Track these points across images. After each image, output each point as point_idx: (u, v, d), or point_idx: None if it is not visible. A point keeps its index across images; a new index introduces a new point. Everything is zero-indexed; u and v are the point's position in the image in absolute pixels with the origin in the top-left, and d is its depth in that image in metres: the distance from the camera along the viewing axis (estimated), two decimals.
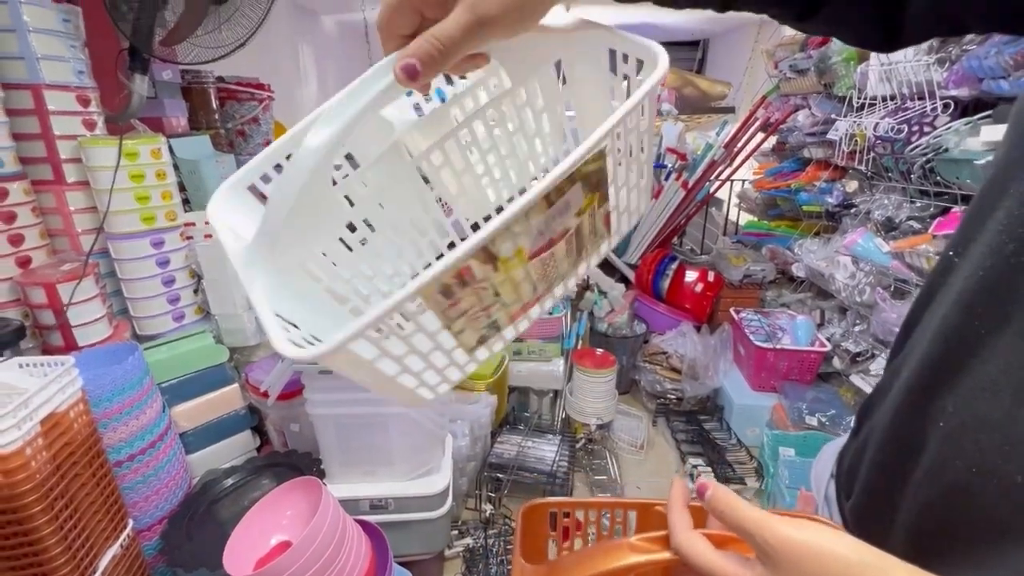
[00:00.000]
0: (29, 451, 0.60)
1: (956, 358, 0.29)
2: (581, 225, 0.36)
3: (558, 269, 0.37)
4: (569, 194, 0.32)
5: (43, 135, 0.90)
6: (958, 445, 0.29)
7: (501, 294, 0.34)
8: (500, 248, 0.31)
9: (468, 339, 0.35)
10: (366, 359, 0.30)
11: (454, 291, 0.31)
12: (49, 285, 0.84)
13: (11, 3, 0.82)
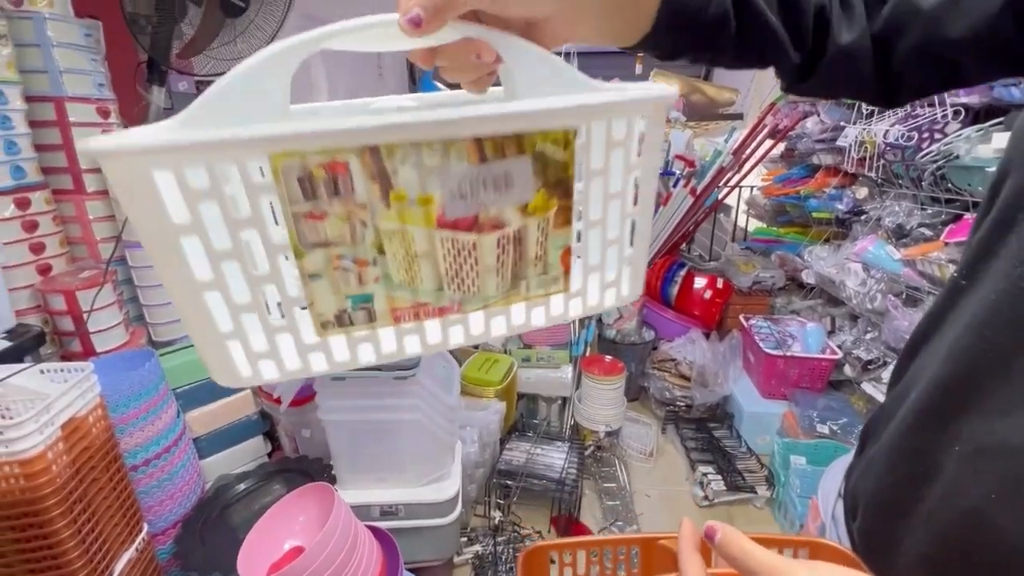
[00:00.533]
0: (50, 455, 0.61)
1: (970, 382, 0.29)
2: (525, 235, 0.28)
3: (480, 281, 0.28)
4: (513, 164, 0.26)
5: (64, 146, 0.92)
6: (975, 470, 0.28)
7: (387, 254, 0.26)
8: (398, 169, 0.24)
9: (323, 300, 0.26)
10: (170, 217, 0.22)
11: (319, 192, 0.23)
12: (69, 292, 0.86)
13: (36, 19, 0.85)
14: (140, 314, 1.04)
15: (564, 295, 0.31)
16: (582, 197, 0.29)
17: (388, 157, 0.23)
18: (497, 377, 1.27)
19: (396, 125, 0.22)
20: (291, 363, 0.27)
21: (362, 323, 0.27)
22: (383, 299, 0.27)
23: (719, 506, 1.35)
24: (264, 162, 0.22)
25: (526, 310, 0.30)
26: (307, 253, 0.24)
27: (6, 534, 0.61)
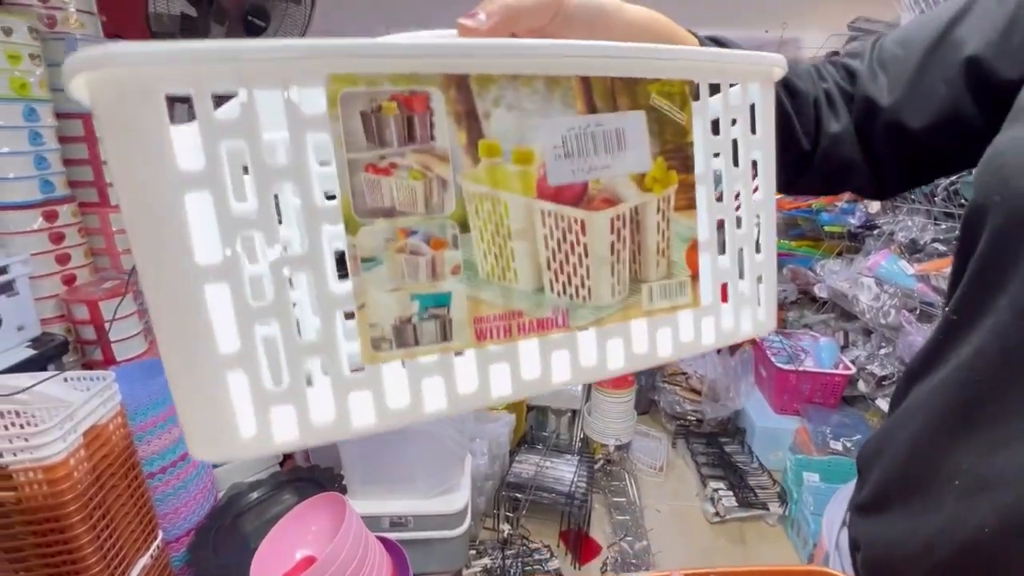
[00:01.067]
0: (72, 462, 0.63)
1: (967, 415, 0.30)
2: (644, 215, 0.22)
3: (592, 281, 0.21)
4: (626, 119, 0.21)
5: (91, 161, 0.95)
6: (973, 503, 0.29)
7: (472, 231, 0.19)
8: (491, 110, 0.18)
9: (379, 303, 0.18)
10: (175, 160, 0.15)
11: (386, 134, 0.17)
12: (92, 302, 0.89)
13: (68, 40, 0.88)
14: None
15: (693, 312, 0.23)
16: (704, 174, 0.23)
17: (480, 93, 0.18)
18: None
19: (495, 46, 0.18)
20: (320, 413, 0.18)
21: (432, 341, 0.19)
22: (463, 303, 0.19)
23: (730, 522, 1.33)
24: (320, 86, 0.16)
25: (649, 331, 0.23)
26: (363, 224, 0.17)
27: (28, 538, 0.63)
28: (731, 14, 2.22)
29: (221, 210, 0.16)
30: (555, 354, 0.21)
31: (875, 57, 0.38)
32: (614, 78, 0.20)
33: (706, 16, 2.26)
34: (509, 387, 0.20)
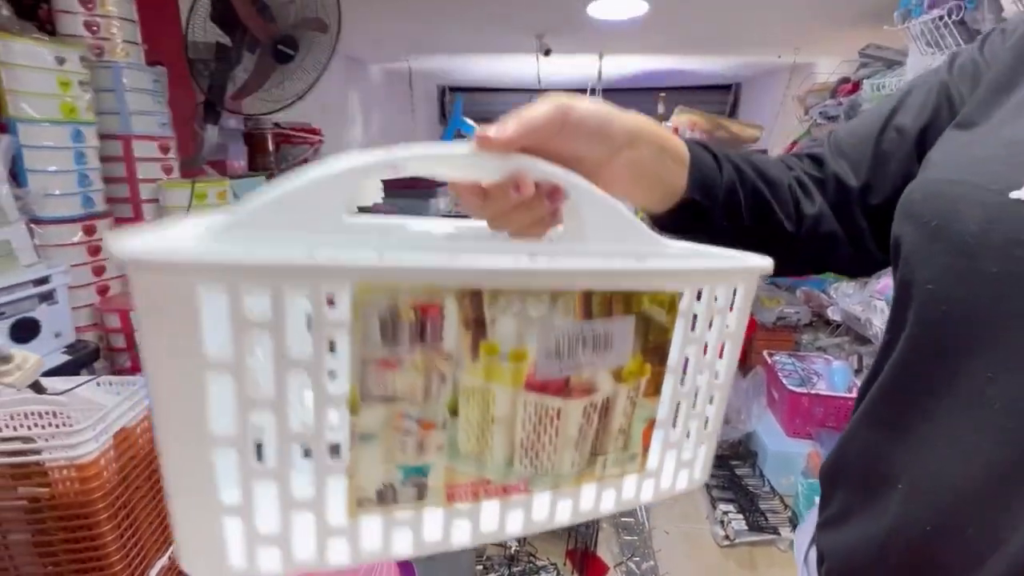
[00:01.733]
0: (103, 461, 0.67)
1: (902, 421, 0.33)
2: (613, 404, 0.25)
3: (555, 457, 0.25)
4: (617, 325, 0.24)
5: (128, 179, 1.01)
6: (916, 504, 0.31)
7: (460, 416, 0.22)
8: (497, 317, 0.21)
9: (368, 470, 0.21)
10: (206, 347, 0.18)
11: (400, 336, 0.20)
12: (124, 312, 0.94)
13: (114, 68, 0.95)
14: None
15: (638, 476, 0.27)
16: (676, 363, 0.26)
17: (491, 303, 0.20)
18: None
19: (513, 271, 0.21)
20: (302, 551, 0.21)
21: (407, 502, 0.22)
22: (440, 472, 0.22)
23: (740, 546, 1.32)
24: (345, 293, 0.18)
25: (597, 492, 0.26)
26: (364, 408, 0.20)
27: (59, 534, 0.66)
28: (745, 40, 2.26)
29: (239, 389, 0.18)
30: (511, 512, 0.24)
31: (833, 147, 0.43)
32: (617, 292, 0.23)
33: (721, 42, 2.31)
34: (468, 537, 0.24)
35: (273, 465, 0.20)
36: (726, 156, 0.40)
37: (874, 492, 0.35)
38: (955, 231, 0.30)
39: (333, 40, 1.22)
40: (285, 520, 0.20)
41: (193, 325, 0.17)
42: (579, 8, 1.71)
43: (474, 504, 0.23)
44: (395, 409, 0.21)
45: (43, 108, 0.85)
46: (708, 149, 0.39)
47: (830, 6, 1.70)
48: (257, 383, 0.19)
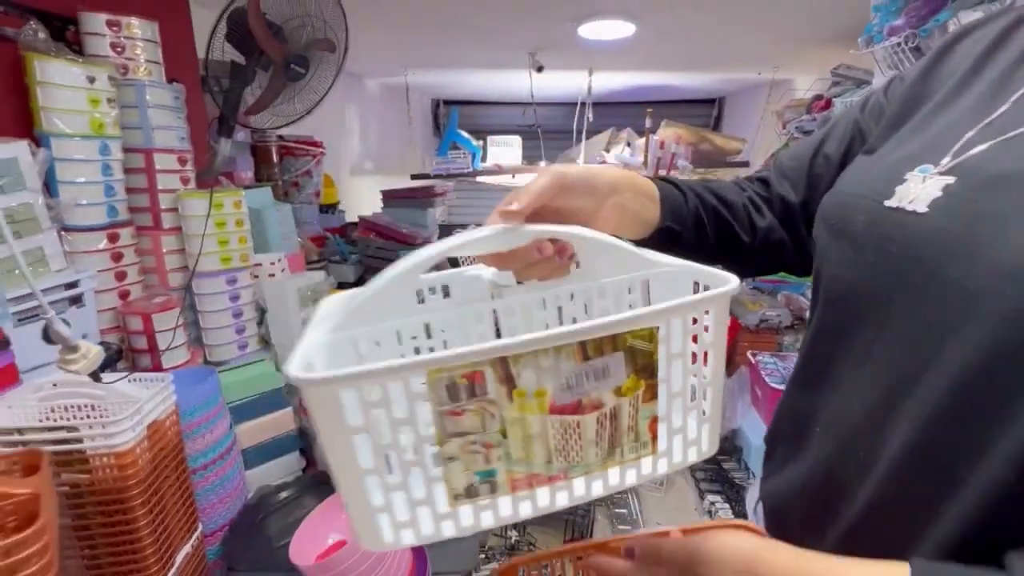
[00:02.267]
0: (138, 450, 0.72)
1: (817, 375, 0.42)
2: (619, 411, 0.33)
3: (582, 453, 0.33)
4: (609, 359, 0.32)
5: (149, 189, 1.07)
6: (827, 442, 0.40)
7: (508, 438, 0.31)
8: (520, 372, 0.30)
9: (456, 477, 0.32)
10: (348, 422, 0.29)
11: (460, 395, 0.30)
12: (146, 315, 0.99)
13: (138, 86, 1.01)
14: (197, 336, 1.16)
15: (652, 457, 0.36)
16: (666, 375, 0.35)
17: (514, 364, 0.30)
18: None
19: (523, 342, 0.30)
20: (426, 529, 0.33)
21: (486, 494, 0.33)
22: (503, 473, 0.32)
23: None
24: (420, 377, 0.29)
25: (621, 472, 0.36)
26: (447, 441, 0.31)
27: (97, 518, 0.71)
28: (726, 58, 2.38)
29: (373, 441, 0.30)
30: (559, 492, 0.35)
31: (777, 171, 0.55)
32: (604, 338, 0.32)
33: (704, 60, 2.43)
34: (531, 511, 0.35)
35: (399, 480, 0.32)
36: (689, 187, 0.51)
37: (800, 440, 0.43)
38: (849, 231, 0.40)
39: (340, 59, 1.29)
40: (412, 513, 0.32)
41: (339, 410, 0.29)
42: (570, 29, 1.80)
43: (531, 491, 0.34)
44: (466, 439, 0.32)
45: (74, 124, 0.91)
46: (674, 184, 0.50)
47: (803, 28, 1.81)
48: (382, 434, 0.30)
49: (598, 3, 1.59)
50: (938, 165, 0.36)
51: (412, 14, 1.70)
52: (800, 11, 1.62)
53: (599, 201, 0.44)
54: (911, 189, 0.36)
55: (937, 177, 0.36)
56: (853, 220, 0.40)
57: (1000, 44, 0.41)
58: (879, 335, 0.37)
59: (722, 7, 1.61)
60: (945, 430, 0.32)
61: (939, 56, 0.45)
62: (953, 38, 0.46)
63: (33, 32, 0.87)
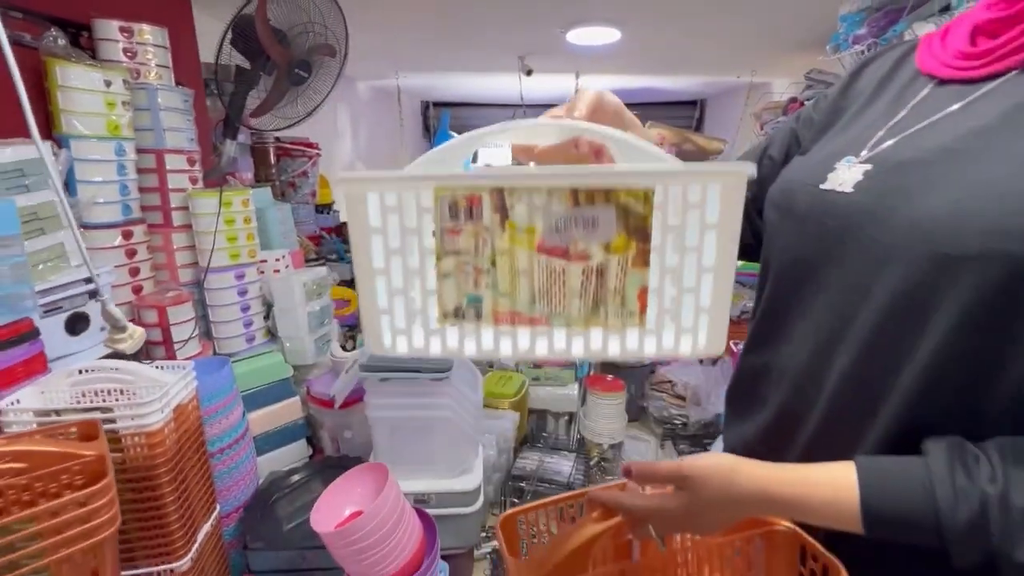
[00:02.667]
0: (166, 431, 0.77)
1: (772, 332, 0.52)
2: (606, 268, 0.34)
3: (565, 302, 0.34)
4: (600, 210, 0.32)
5: (160, 188, 1.11)
6: (781, 386, 0.50)
7: (497, 267, 0.34)
8: (514, 205, 0.32)
9: (447, 296, 0.35)
10: (370, 221, 0.33)
11: (459, 215, 0.33)
12: (160, 308, 1.03)
13: (149, 89, 1.06)
14: (206, 330, 1.20)
15: (639, 330, 0.35)
16: (660, 246, 0.34)
17: (509, 196, 0.33)
18: (512, 391, 1.43)
19: (519, 174, 0.33)
20: (417, 342, 0.36)
21: (471, 319, 0.36)
22: (489, 302, 0.35)
23: None
24: (430, 192, 0.34)
25: (603, 337, 0.36)
26: (444, 257, 0.35)
27: (127, 494, 0.75)
28: (707, 63, 2.48)
29: (384, 244, 0.35)
30: (539, 340, 0.37)
31: None
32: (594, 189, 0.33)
33: (686, 64, 2.53)
34: (510, 350, 0.37)
35: (400, 286, 0.36)
36: None
37: (758, 391, 0.53)
38: (793, 210, 0.51)
39: (340, 63, 1.35)
40: (408, 321, 0.37)
41: (364, 209, 0.34)
42: (558, 35, 1.88)
43: (512, 328, 0.36)
44: (460, 259, 0.35)
45: (92, 125, 0.95)
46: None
47: (777, 36, 1.92)
48: (393, 238, 0.35)
49: (585, 11, 1.67)
50: (859, 156, 0.47)
51: (404, 18, 1.76)
52: (774, 20, 1.72)
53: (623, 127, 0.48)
54: (840, 175, 0.47)
55: (858, 165, 0.46)
56: (796, 201, 0.50)
57: (897, 68, 0.53)
58: (821, 290, 0.46)
59: (702, 16, 1.70)
60: (873, 356, 0.41)
61: (852, 77, 0.57)
62: (861, 64, 0.58)
63: (53, 39, 0.91)
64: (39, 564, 0.43)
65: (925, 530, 0.36)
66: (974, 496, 0.34)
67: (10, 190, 0.83)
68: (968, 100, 0.43)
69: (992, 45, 0.43)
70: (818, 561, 0.47)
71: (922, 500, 0.36)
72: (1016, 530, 0.33)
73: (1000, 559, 0.34)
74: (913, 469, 0.37)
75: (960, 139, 0.41)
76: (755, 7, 1.58)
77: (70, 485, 0.49)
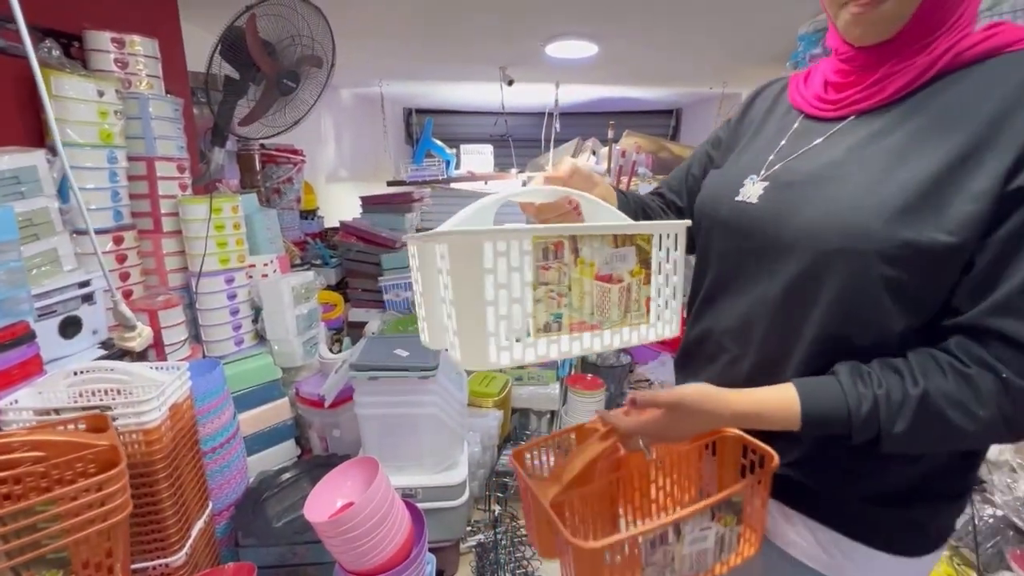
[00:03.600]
0: (163, 429, 0.80)
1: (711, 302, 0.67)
2: (631, 287, 0.54)
3: (610, 311, 0.52)
4: (626, 250, 0.53)
5: (150, 195, 1.14)
6: (720, 344, 0.65)
7: (572, 290, 0.50)
8: (583, 247, 0.50)
9: (540, 315, 0.49)
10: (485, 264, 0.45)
11: (548, 256, 0.48)
12: (152, 311, 1.06)
13: (141, 99, 1.09)
14: (195, 333, 1.23)
15: (646, 325, 0.57)
16: (656, 270, 0.56)
17: (580, 241, 0.49)
18: (495, 390, 1.47)
19: (586, 227, 0.50)
20: (517, 354, 0.49)
21: (554, 331, 0.50)
22: (566, 317, 0.50)
23: None
24: (529, 240, 0.47)
25: (629, 331, 0.56)
26: (537, 287, 0.48)
27: None
28: (681, 75, 2.59)
29: (495, 280, 0.47)
30: (595, 339, 0.54)
31: (667, 187, 0.86)
32: (625, 235, 0.54)
33: (660, 76, 2.63)
34: (579, 349, 0.54)
35: (506, 312, 0.48)
36: (628, 195, 0.80)
37: (703, 351, 0.68)
38: (719, 217, 0.67)
39: (327, 73, 1.39)
40: (510, 339, 0.48)
41: (480, 255, 0.45)
42: (538, 48, 1.95)
43: (579, 334, 0.52)
44: (548, 288, 0.49)
45: (85, 134, 0.98)
46: (623, 192, 0.78)
47: (745, 51, 2.02)
48: (501, 275, 0.46)
49: (563, 26, 1.74)
50: (759, 175, 0.65)
51: (388, 28, 1.81)
52: (741, 38, 1.82)
53: (591, 187, 0.68)
54: (748, 189, 0.65)
55: (760, 182, 0.64)
56: (720, 209, 0.67)
57: (776, 101, 0.72)
58: (744, 277, 0.65)
59: (674, 32, 1.78)
60: (781, 319, 0.60)
61: (747, 105, 0.77)
62: (754, 94, 0.77)
63: (48, 50, 0.94)
64: (59, 544, 0.46)
65: (841, 423, 0.53)
66: (869, 397, 0.52)
67: (6, 197, 0.86)
68: (827, 135, 0.61)
69: (838, 97, 0.62)
70: (756, 453, 0.62)
71: (840, 404, 0.53)
72: (894, 414, 0.51)
73: (883, 433, 0.52)
74: (831, 386, 0.54)
75: (824, 167, 0.58)
76: (723, 25, 1.68)
77: (84, 473, 0.52)
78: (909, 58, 0.55)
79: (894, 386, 0.51)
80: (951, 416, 0.49)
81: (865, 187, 0.53)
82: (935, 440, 0.52)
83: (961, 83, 0.53)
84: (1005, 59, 0.52)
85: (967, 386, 0.49)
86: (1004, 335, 0.48)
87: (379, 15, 1.65)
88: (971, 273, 0.50)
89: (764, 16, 1.54)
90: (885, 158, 0.54)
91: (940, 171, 0.50)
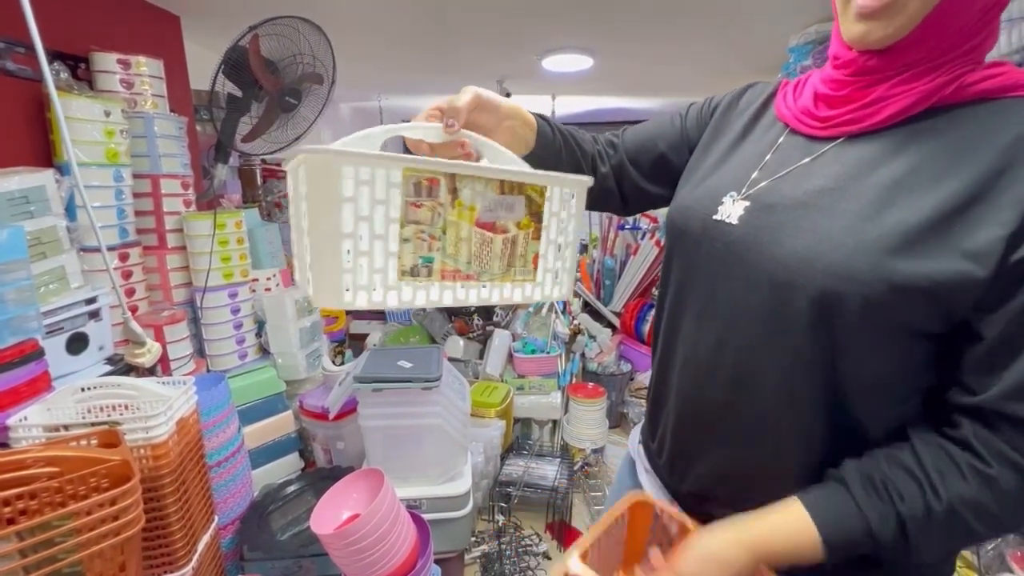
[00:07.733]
0: (170, 443, 0.80)
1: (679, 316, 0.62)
2: (517, 240, 0.48)
3: (490, 262, 0.47)
4: (516, 199, 0.46)
5: (155, 211, 1.16)
6: (681, 372, 0.61)
7: (446, 235, 0.43)
8: (462, 188, 0.43)
9: (406, 257, 0.43)
10: (344, 192, 0.38)
11: (421, 192, 0.41)
12: (157, 327, 1.07)
13: (146, 118, 1.11)
14: (199, 347, 1.24)
15: (532, 284, 0.53)
16: (547, 225, 0.51)
17: (459, 182, 0.44)
18: (497, 400, 1.48)
19: (468, 166, 0.44)
20: (376, 296, 0.43)
21: (423, 276, 0.45)
22: (438, 262, 0.45)
23: None
24: (399, 171, 0.42)
25: (511, 288, 0.51)
26: (406, 225, 0.43)
27: None
28: (671, 87, 2.63)
29: (355, 211, 0.41)
30: (471, 291, 0.48)
31: (622, 141, 0.77)
32: (514, 182, 0.48)
33: (652, 87, 2.67)
34: (451, 300, 0.47)
35: (366, 249, 0.42)
36: (559, 129, 0.72)
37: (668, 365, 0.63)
38: (689, 232, 0.62)
39: (327, 90, 1.42)
40: (369, 278, 0.43)
41: (339, 180, 0.39)
42: (534, 62, 1.98)
43: (452, 283, 0.47)
44: (418, 228, 0.44)
45: (92, 153, 1.00)
46: (549, 124, 0.71)
47: (734, 64, 2.06)
48: (362, 207, 0.41)
49: (559, 40, 1.77)
50: (740, 193, 0.58)
51: (386, 44, 1.84)
52: (733, 50, 1.86)
53: (498, 121, 0.62)
54: (727, 208, 0.58)
55: (740, 201, 0.58)
56: (692, 225, 0.62)
57: (763, 108, 0.65)
58: (709, 296, 0.59)
59: (668, 45, 1.82)
60: (754, 343, 0.55)
61: (734, 99, 0.71)
62: (742, 90, 0.71)
63: (56, 72, 0.96)
64: (74, 558, 0.47)
65: (864, 546, 0.48)
66: (891, 517, 0.48)
67: (16, 216, 0.87)
68: (814, 156, 0.56)
69: (829, 114, 0.55)
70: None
71: (860, 525, 0.48)
72: (918, 535, 0.47)
73: (910, 553, 0.48)
74: (845, 505, 0.49)
75: (809, 194, 0.53)
76: (715, 38, 1.71)
77: (97, 488, 0.53)
78: (909, 81, 0.50)
79: (914, 498, 0.47)
80: (976, 527, 0.47)
81: (853, 224, 0.49)
82: (957, 548, 0.52)
83: (960, 122, 0.49)
84: (1007, 105, 0.48)
85: (990, 490, 0.46)
86: (1020, 419, 0.45)
87: (378, 32, 1.68)
88: (978, 348, 0.47)
89: (756, 28, 1.58)
90: (875, 194, 0.49)
91: (932, 218, 0.46)
